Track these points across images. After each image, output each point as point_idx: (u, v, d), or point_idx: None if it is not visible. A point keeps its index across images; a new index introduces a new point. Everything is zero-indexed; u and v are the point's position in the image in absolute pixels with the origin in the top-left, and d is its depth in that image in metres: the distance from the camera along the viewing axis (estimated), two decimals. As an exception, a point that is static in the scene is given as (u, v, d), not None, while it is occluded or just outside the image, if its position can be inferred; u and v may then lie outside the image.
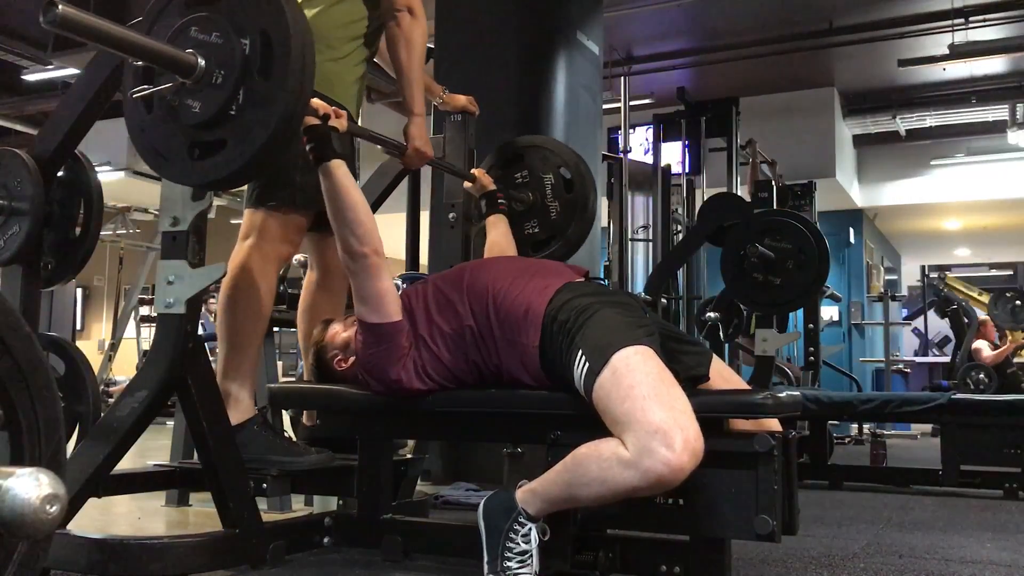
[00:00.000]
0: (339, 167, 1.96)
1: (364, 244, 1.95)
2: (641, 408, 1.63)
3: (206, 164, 1.67)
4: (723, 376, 1.99)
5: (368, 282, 1.95)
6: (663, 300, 5.05)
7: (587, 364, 1.74)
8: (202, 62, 1.61)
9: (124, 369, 10.06)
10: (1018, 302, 6.61)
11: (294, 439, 2.59)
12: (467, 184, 2.80)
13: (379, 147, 2.54)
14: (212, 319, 6.45)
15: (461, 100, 2.92)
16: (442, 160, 2.80)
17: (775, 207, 5.80)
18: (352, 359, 2.09)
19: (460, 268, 2.14)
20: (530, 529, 1.75)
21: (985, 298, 7.28)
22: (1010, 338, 7.20)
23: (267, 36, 1.59)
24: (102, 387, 7.30)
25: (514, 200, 2.88)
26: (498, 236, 2.67)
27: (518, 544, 1.75)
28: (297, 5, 1.63)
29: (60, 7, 1.37)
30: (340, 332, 2.14)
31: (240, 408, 2.21)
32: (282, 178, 2.25)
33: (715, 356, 2.01)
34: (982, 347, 7.29)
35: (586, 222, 2.97)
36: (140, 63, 1.68)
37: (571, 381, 1.79)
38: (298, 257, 2.92)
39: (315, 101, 1.88)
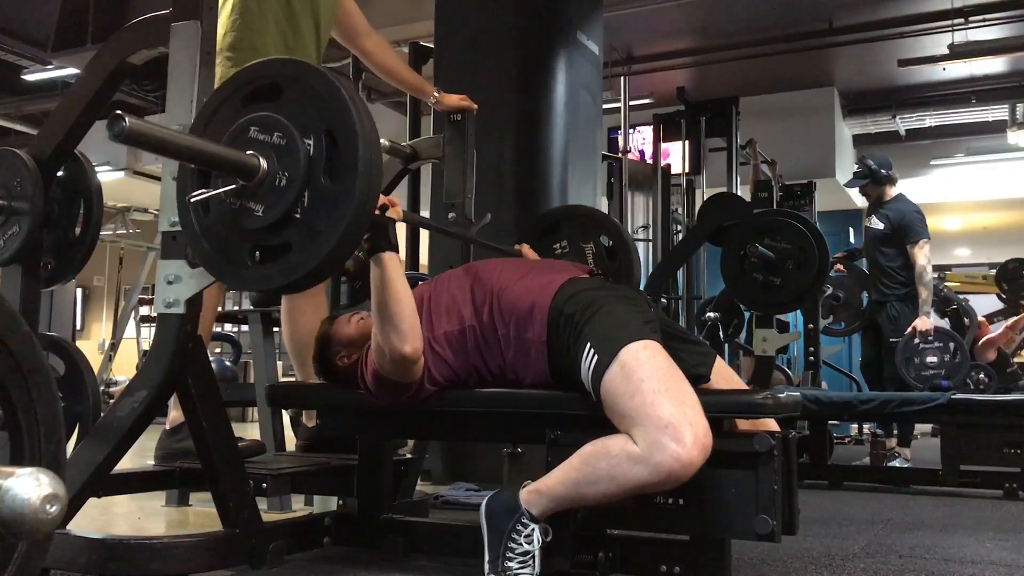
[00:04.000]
0: (391, 259, 1.90)
1: (405, 343, 1.88)
2: (651, 403, 1.63)
3: (270, 269, 1.57)
4: (724, 377, 1.99)
5: (398, 369, 1.93)
6: (663, 300, 5.04)
7: (596, 357, 1.74)
8: (264, 164, 1.53)
9: (124, 369, 10.06)
10: None
11: (295, 439, 2.59)
12: None
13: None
14: None
15: (454, 99, 2.90)
16: (478, 238, 2.77)
17: (775, 207, 5.78)
18: (355, 356, 2.09)
19: (465, 268, 2.13)
20: (533, 530, 1.75)
21: (991, 282, 7.10)
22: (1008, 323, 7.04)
23: (332, 135, 1.52)
24: (102, 387, 7.30)
25: None
26: None
27: (520, 545, 1.74)
28: (362, 101, 1.55)
29: (128, 121, 1.33)
30: (345, 329, 2.13)
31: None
32: None
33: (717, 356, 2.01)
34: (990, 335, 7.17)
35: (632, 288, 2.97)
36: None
37: (577, 375, 1.79)
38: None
39: None
